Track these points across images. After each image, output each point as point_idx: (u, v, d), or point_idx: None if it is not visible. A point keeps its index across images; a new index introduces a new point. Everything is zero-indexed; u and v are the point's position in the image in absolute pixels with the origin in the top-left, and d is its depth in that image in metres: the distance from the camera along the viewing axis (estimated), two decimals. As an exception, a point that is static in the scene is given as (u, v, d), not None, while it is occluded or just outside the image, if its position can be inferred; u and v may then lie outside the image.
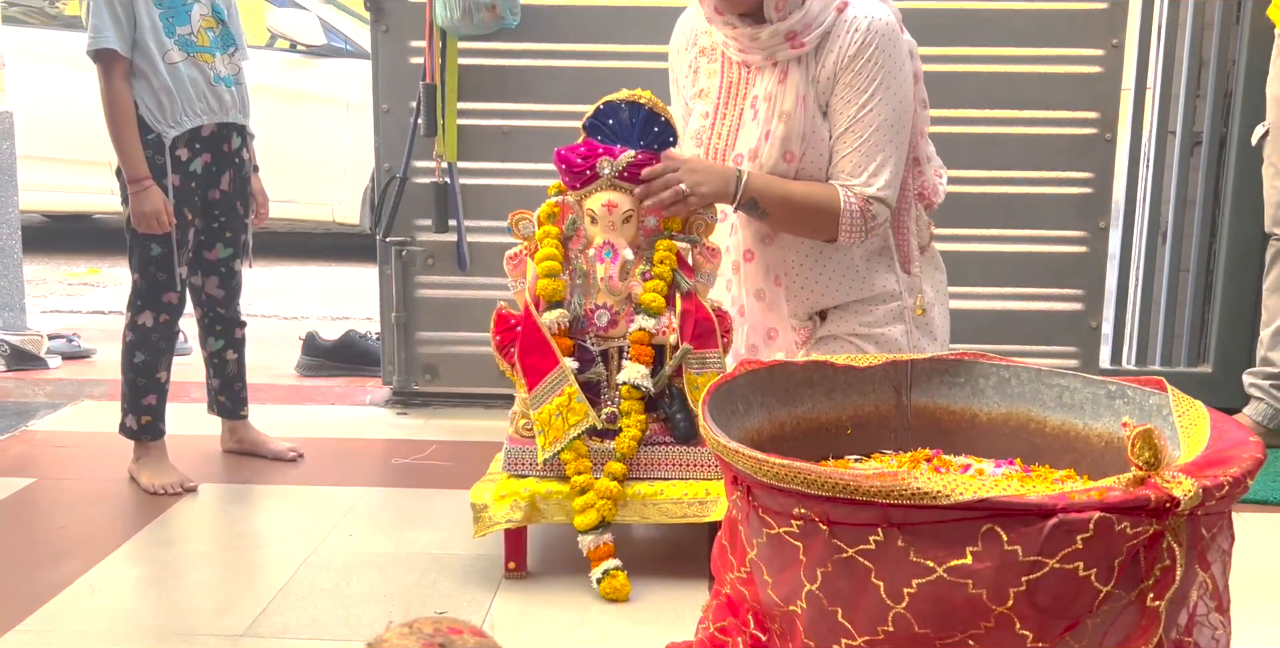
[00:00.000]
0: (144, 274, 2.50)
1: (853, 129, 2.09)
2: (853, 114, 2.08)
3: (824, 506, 1.33)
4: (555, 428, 2.04)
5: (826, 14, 2.08)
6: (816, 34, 2.07)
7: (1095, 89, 2.99)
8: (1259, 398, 2.87)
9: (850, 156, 2.10)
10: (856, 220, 2.10)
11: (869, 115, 2.08)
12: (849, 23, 2.07)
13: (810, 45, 2.08)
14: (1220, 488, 1.29)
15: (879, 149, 2.09)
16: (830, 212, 2.09)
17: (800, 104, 2.10)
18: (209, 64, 2.46)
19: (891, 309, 2.21)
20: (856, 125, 2.08)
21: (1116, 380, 1.76)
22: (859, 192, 2.09)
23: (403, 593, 2.03)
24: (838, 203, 2.09)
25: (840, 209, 2.09)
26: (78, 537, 2.28)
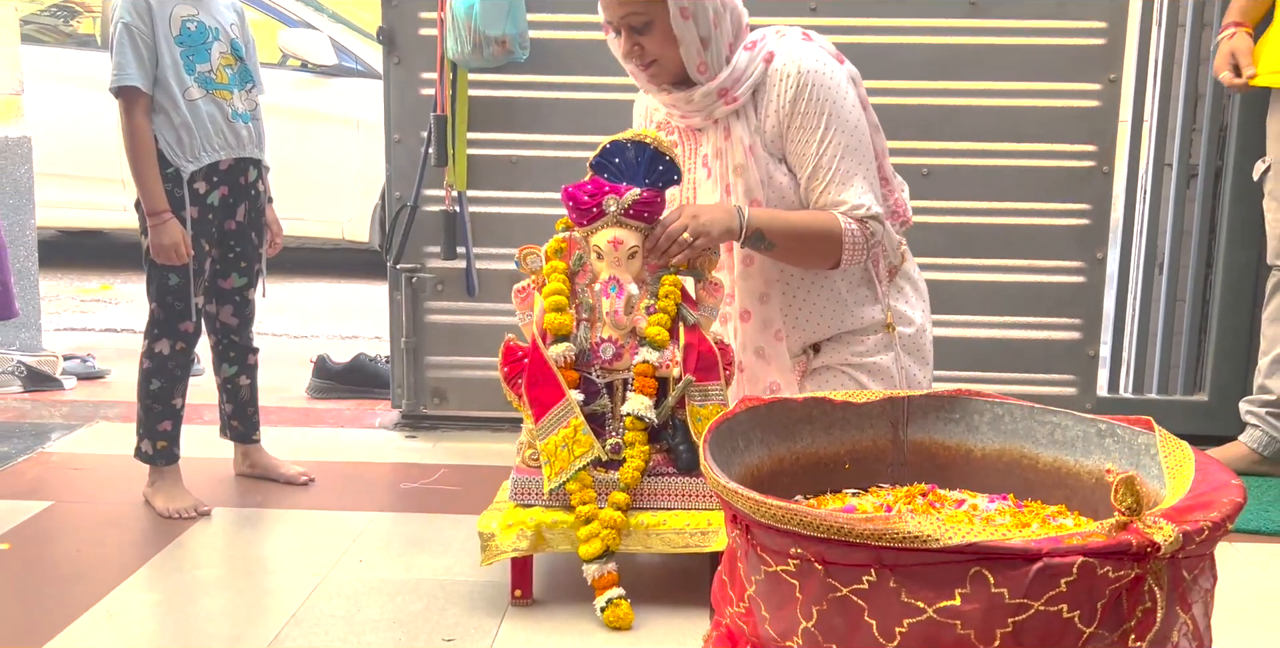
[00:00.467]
0: (161, 303, 2.56)
1: (820, 165, 2.16)
2: (815, 152, 2.16)
3: (819, 546, 1.38)
4: (561, 459, 2.10)
5: (754, 66, 2.17)
6: (747, 86, 2.17)
7: (1093, 122, 3.05)
8: (1255, 425, 2.92)
9: (828, 190, 2.17)
10: (858, 240, 2.17)
11: (830, 147, 2.15)
12: (779, 72, 2.16)
13: (744, 98, 2.17)
14: (1200, 533, 1.34)
15: (851, 175, 2.17)
16: (833, 236, 2.16)
17: (749, 154, 2.19)
18: (227, 101, 2.53)
19: (880, 338, 2.28)
20: (822, 160, 2.16)
21: (1107, 419, 1.81)
22: (853, 215, 2.17)
23: (412, 620, 2.08)
24: (838, 226, 2.16)
25: (841, 230, 2.16)
26: (95, 561, 2.33)
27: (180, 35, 2.47)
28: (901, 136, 3.07)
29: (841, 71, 2.21)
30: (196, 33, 2.49)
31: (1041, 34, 3.02)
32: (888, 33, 3.04)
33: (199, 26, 2.50)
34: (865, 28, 3.04)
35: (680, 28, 2.13)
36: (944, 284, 3.14)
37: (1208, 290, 3.22)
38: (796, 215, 2.18)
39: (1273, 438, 2.89)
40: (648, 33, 2.15)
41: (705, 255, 2.19)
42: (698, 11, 2.13)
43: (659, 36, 2.15)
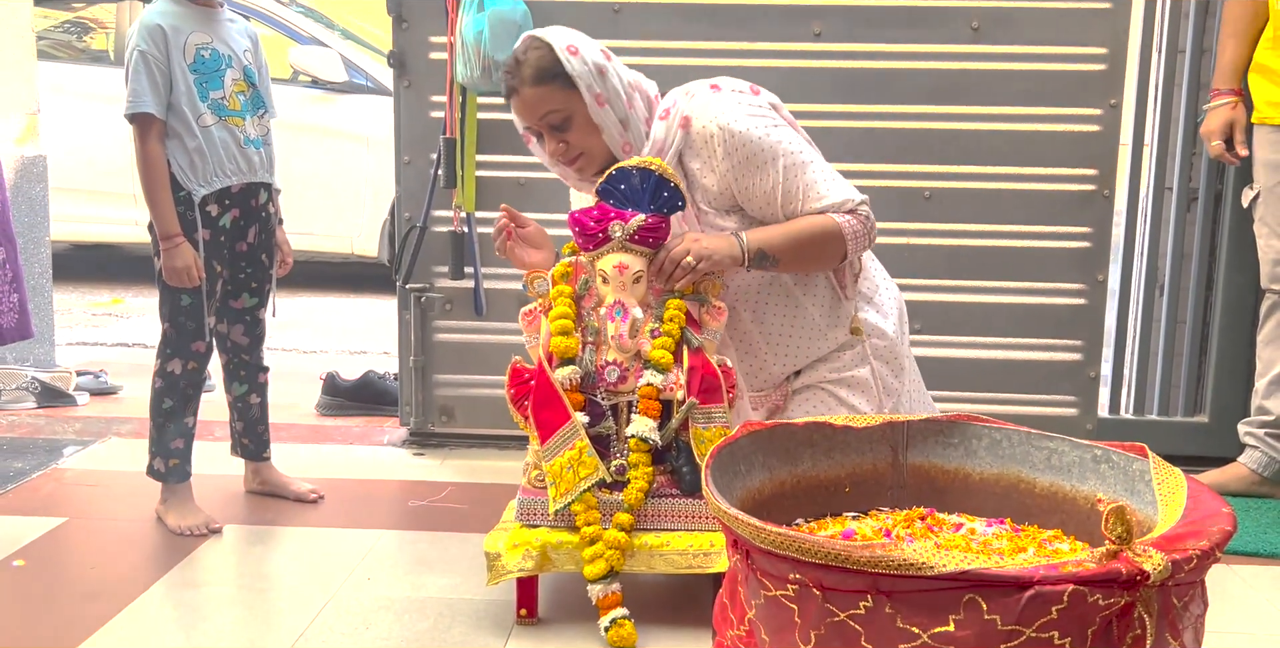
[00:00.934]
0: (174, 323, 2.61)
1: (786, 191, 2.20)
2: (773, 184, 2.20)
3: (818, 572, 1.42)
4: (566, 480, 2.13)
5: (673, 134, 2.24)
6: (671, 154, 2.24)
7: (1094, 147, 3.08)
8: (1254, 446, 2.94)
9: (806, 205, 2.21)
10: (858, 229, 2.22)
11: (784, 173, 2.19)
12: (701, 135, 2.22)
13: (672, 166, 2.22)
14: (1189, 561, 1.38)
15: (816, 181, 2.21)
16: (832, 234, 2.21)
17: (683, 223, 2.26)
18: (239, 127, 2.58)
19: (856, 353, 2.33)
20: (784, 187, 2.20)
21: (1102, 445, 1.85)
22: (842, 211, 2.21)
23: (419, 638, 2.11)
24: (833, 223, 2.21)
25: (839, 226, 2.20)
26: (108, 577, 2.37)
27: (194, 63, 2.52)
28: (904, 160, 3.12)
29: (760, 100, 2.25)
30: (210, 60, 2.55)
31: (1043, 59, 3.06)
32: (891, 58, 3.08)
33: (213, 54, 2.55)
34: (868, 53, 3.08)
35: (599, 115, 2.21)
36: (946, 306, 3.17)
37: (1208, 312, 3.25)
38: (793, 226, 2.22)
39: (1272, 459, 2.91)
40: (569, 129, 2.23)
41: (709, 280, 2.23)
42: (610, 96, 2.21)
43: (580, 129, 2.23)
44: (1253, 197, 2.83)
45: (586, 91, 2.19)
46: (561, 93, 2.20)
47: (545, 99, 2.21)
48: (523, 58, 2.21)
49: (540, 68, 2.19)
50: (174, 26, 2.51)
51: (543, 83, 2.20)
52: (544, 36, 2.23)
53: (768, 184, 2.20)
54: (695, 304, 2.24)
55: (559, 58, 2.19)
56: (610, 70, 2.22)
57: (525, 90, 2.21)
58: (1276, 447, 2.91)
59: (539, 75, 2.20)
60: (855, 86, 3.10)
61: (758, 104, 2.24)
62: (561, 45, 2.20)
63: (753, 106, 2.22)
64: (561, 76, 2.19)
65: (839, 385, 2.32)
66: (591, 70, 2.20)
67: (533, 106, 2.22)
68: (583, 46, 2.22)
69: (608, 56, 2.25)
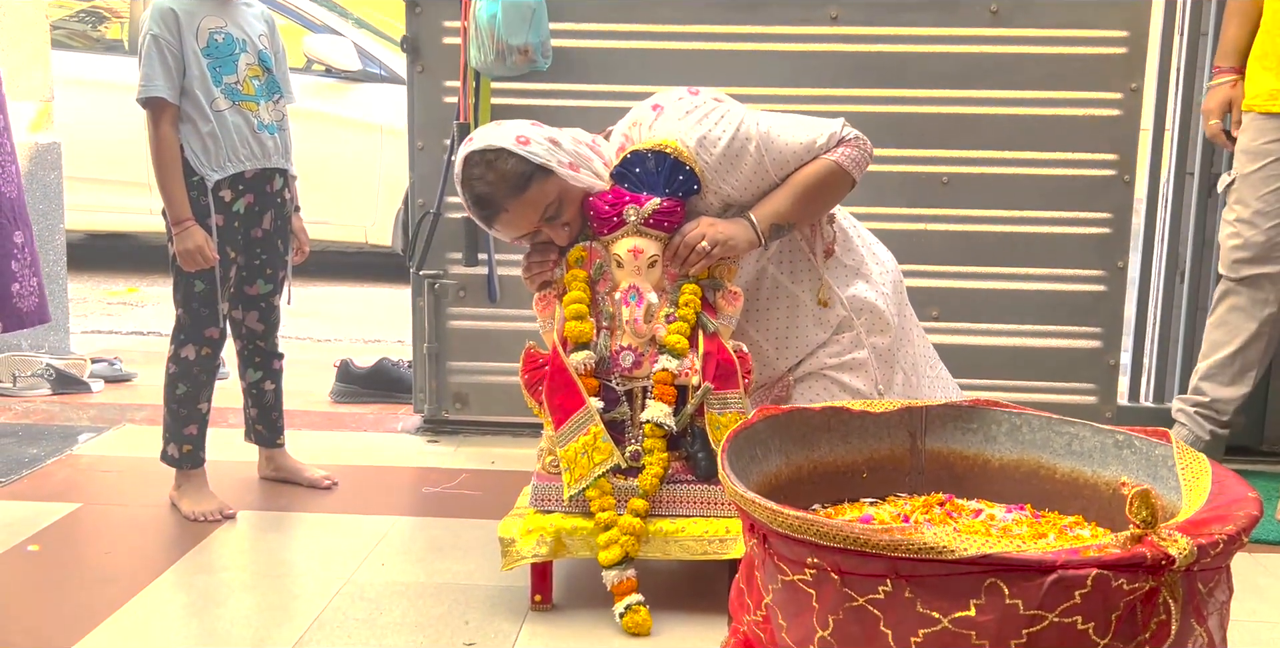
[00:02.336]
0: (187, 309, 2.60)
1: (770, 160, 2.18)
2: (755, 160, 2.18)
3: (836, 556, 1.40)
4: (581, 466, 2.12)
5: None
6: None
7: (1114, 132, 3.05)
8: (1183, 423, 3.00)
9: (794, 160, 2.19)
10: (855, 156, 2.21)
11: (759, 145, 2.17)
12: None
13: None
14: (1215, 546, 1.35)
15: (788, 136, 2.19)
16: (834, 173, 2.20)
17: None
18: (253, 112, 2.56)
19: (851, 337, 2.31)
20: (767, 156, 2.18)
21: (1124, 430, 1.82)
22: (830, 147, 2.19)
23: (433, 624, 2.11)
24: (831, 163, 2.19)
25: (836, 162, 2.19)
26: (123, 563, 2.37)
27: (207, 47, 2.51)
28: (922, 145, 3.09)
29: (700, 99, 2.22)
30: (224, 44, 2.53)
31: (1063, 43, 3.03)
32: (909, 41, 3.05)
33: (226, 38, 2.54)
34: (886, 37, 3.05)
35: (577, 179, 2.17)
36: (964, 292, 3.15)
37: (1229, 299, 3.21)
38: (793, 186, 2.20)
39: (1198, 437, 2.96)
40: (563, 211, 2.18)
41: (724, 264, 2.21)
42: (574, 158, 2.17)
43: (570, 204, 2.18)
44: (1228, 182, 2.83)
45: (560, 168, 2.14)
46: (543, 184, 2.14)
47: (536, 199, 2.14)
48: (489, 175, 2.12)
49: (516, 175, 2.12)
50: (187, 10, 2.49)
51: (526, 187, 2.13)
52: (490, 144, 2.14)
53: (751, 167, 2.19)
54: (710, 289, 2.22)
55: (521, 155, 2.12)
56: (557, 137, 2.18)
57: (512, 204, 2.14)
58: (1203, 426, 2.96)
59: (519, 182, 2.12)
60: (872, 71, 3.07)
61: (700, 102, 2.21)
62: (511, 142, 2.13)
63: (698, 109, 2.20)
64: (536, 170, 2.13)
65: (840, 370, 2.31)
66: (550, 147, 2.15)
67: (528, 213, 2.15)
68: (524, 131, 2.16)
69: (539, 125, 2.21)
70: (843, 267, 2.33)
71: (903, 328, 2.39)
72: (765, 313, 2.32)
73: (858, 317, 2.31)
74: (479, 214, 2.17)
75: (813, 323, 2.31)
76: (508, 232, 2.21)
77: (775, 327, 2.32)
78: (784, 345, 2.33)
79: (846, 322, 2.31)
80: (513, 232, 2.20)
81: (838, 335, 2.32)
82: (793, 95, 3.02)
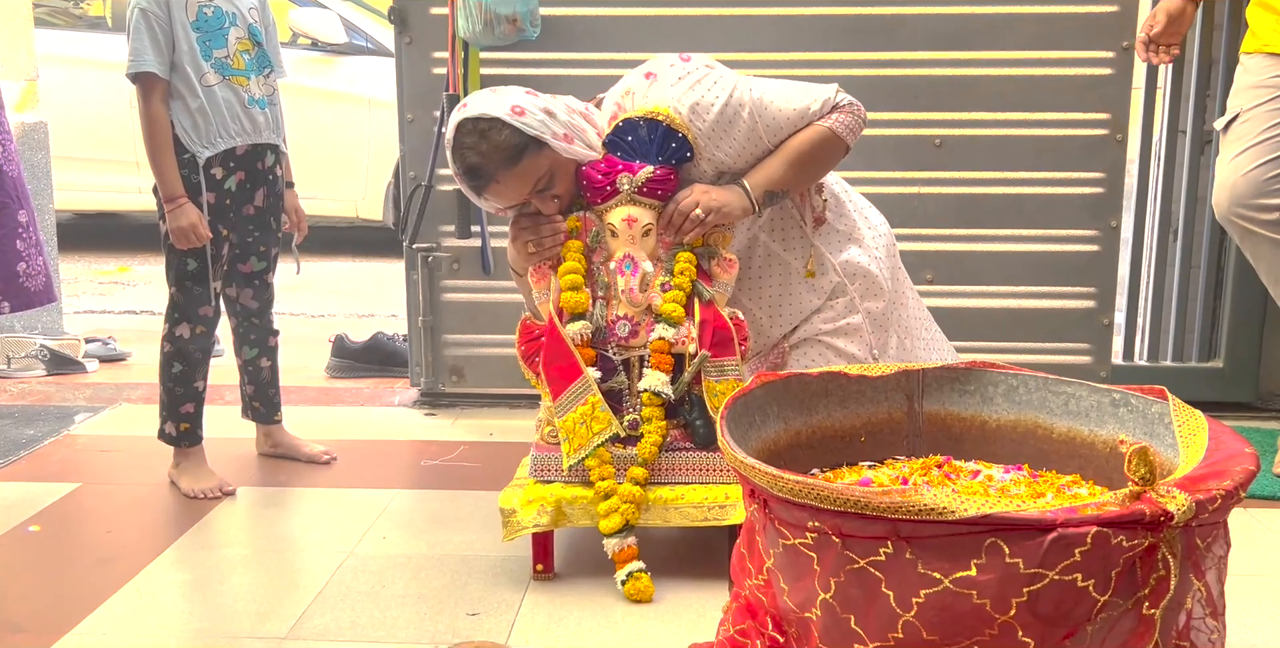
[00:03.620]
0: (180, 288, 2.59)
1: (763, 126, 2.17)
2: (749, 126, 2.16)
3: (836, 519, 1.41)
4: (579, 436, 2.12)
5: None
6: None
7: (1106, 91, 3.03)
8: None
9: (788, 125, 2.18)
10: (849, 121, 2.20)
11: (752, 112, 2.16)
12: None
13: None
14: (1213, 501, 1.36)
15: (782, 102, 2.17)
16: (828, 139, 2.19)
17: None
18: (244, 87, 2.54)
19: (845, 302, 2.31)
20: (761, 123, 2.16)
21: (1120, 389, 1.83)
22: (824, 112, 2.18)
23: (436, 595, 2.11)
24: (824, 129, 2.18)
25: (829, 128, 2.18)
26: (123, 541, 2.37)
27: (197, 21, 2.48)
28: (914, 108, 3.08)
29: (693, 65, 2.20)
30: (213, 18, 2.51)
31: (1054, 1, 3.00)
32: (900, 3, 3.03)
33: (216, 12, 2.51)
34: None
35: (570, 151, 2.14)
36: (958, 255, 3.14)
37: (1222, 257, 3.22)
38: (787, 152, 2.19)
39: None
40: (556, 182, 2.15)
41: (718, 232, 2.21)
42: (569, 130, 2.14)
43: (563, 176, 2.16)
44: (1228, 119, 2.70)
45: (554, 140, 2.11)
46: (536, 156, 2.10)
47: (528, 171, 2.11)
48: (481, 145, 2.08)
49: (509, 146, 2.08)
50: (174, -16, 2.47)
51: (519, 159, 2.09)
52: (484, 112, 2.09)
53: (744, 133, 2.17)
54: (705, 256, 2.22)
55: (515, 126, 2.08)
56: (551, 106, 2.14)
57: (504, 175, 2.10)
58: None
59: (511, 154, 2.08)
60: (864, 34, 3.05)
61: (692, 68, 2.19)
62: (505, 112, 2.09)
63: (690, 76, 2.17)
64: (530, 142, 2.09)
65: (835, 336, 2.31)
66: (544, 118, 2.11)
67: (519, 185, 2.12)
68: (519, 100, 2.12)
69: (533, 93, 2.17)
70: (835, 232, 2.33)
71: (897, 292, 2.39)
72: (758, 281, 2.32)
73: (851, 282, 2.31)
74: (469, 184, 2.16)
75: (806, 289, 2.31)
76: (497, 202, 2.19)
77: (768, 294, 2.32)
78: (778, 313, 2.33)
79: (840, 287, 2.31)
80: (502, 203, 2.18)
81: (832, 301, 2.31)
82: (785, 60, 3.00)
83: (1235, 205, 2.63)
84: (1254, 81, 2.68)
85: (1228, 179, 2.65)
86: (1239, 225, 2.64)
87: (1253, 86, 2.68)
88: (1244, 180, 2.60)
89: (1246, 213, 2.61)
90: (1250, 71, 2.70)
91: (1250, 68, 2.70)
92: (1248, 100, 2.67)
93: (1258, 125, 2.63)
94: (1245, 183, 2.60)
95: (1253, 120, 2.65)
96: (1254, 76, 2.68)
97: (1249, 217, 2.61)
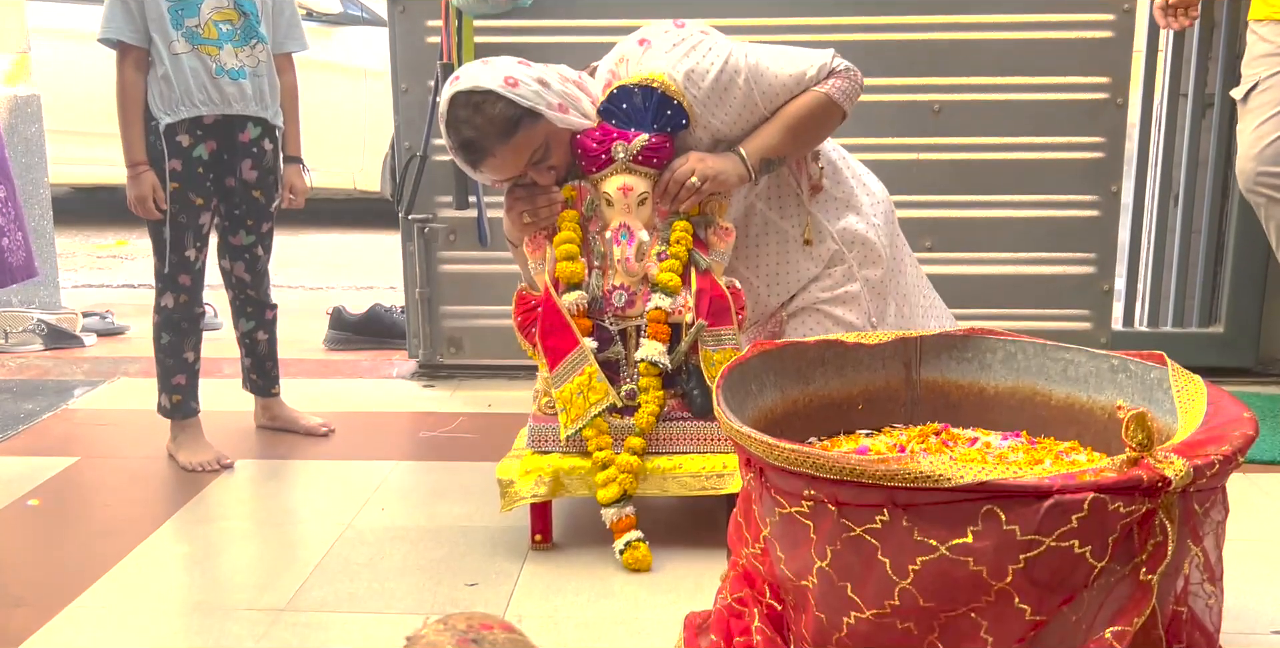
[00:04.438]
0: (161, 257, 2.59)
1: (759, 93, 2.15)
2: (744, 92, 2.14)
3: (832, 488, 1.40)
4: (576, 406, 2.11)
5: None
6: None
7: (1107, 54, 3.00)
8: None
9: (784, 92, 2.16)
10: (846, 87, 2.18)
11: (748, 79, 2.14)
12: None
13: None
14: (1211, 467, 1.36)
15: (777, 67, 2.16)
16: (824, 105, 2.17)
17: None
18: (213, 57, 2.51)
19: (843, 270, 2.30)
20: (757, 89, 2.15)
21: (1119, 355, 1.82)
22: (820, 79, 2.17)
23: (434, 566, 2.12)
24: (821, 95, 2.17)
25: (826, 94, 2.17)
26: (122, 515, 2.37)
27: None
28: (912, 73, 3.05)
29: (687, 31, 2.18)
30: None
31: (1053, -36, 2.98)
32: (896, -33, 3.00)
33: (193, -20, 2.49)
34: (873, -38, 3.00)
35: (566, 121, 2.11)
36: (958, 221, 3.12)
37: (1223, 221, 3.20)
38: (783, 119, 2.17)
39: None
40: (551, 153, 2.13)
41: (714, 200, 2.19)
42: (564, 99, 2.11)
43: (558, 147, 2.13)
44: (1247, 88, 2.66)
45: (549, 111, 2.08)
46: (532, 128, 2.07)
47: (524, 144, 2.08)
48: (476, 119, 2.05)
49: (504, 119, 2.05)
50: (151, -46, 2.45)
51: (514, 132, 2.06)
52: (478, 85, 2.06)
53: (739, 100, 2.15)
54: (701, 225, 2.20)
55: (510, 98, 2.05)
56: (545, 76, 2.11)
57: (500, 148, 2.07)
58: None
59: (507, 126, 2.05)
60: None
61: (686, 35, 2.17)
62: (499, 84, 2.06)
63: (685, 42, 2.15)
64: (525, 114, 2.06)
65: (833, 304, 2.29)
66: (539, 89, 2.08)
67: (515, 158, 2.10)
68: (512, 71, 2.09)
69: (526, 63, 2.14)
70: (833, 199, 2.31)
71: (895, 259, 2.37)
72: (755, 249, 2.30)
73: (849, 250, 2.30)
74: (465, 158, 2.14)
75: (804, 257, 2.29)
76: (493, 176, 2.17)
77: (766, 263, 2.30)
78: (775, 282, 2.31)
79: (838, 255, 2.29)
80: (498, 175, 2.16)
81: (829, 269, 2.30)
82: (781, 25, 2.98)
83: (1260, 175, 2.61)
84: (1270, 50, 2.64)
85: (1251, 149, 2.62)
86: (1265, 195, 2.62)
87: (1269, 54, 2.64)
88: (1272, 151, 2.58)
89: (1273, 182, 2.59)
90: (1265, 39, 2.66)
91: (1265, 35, 2.66)
92: (1266, 69, 2.64)
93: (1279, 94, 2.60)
94: (1272, 153, 2.58)
95: (1273, 88, 2.62)
96: (1270, 44, 2.65)
97: (1276, 185, 2.59)
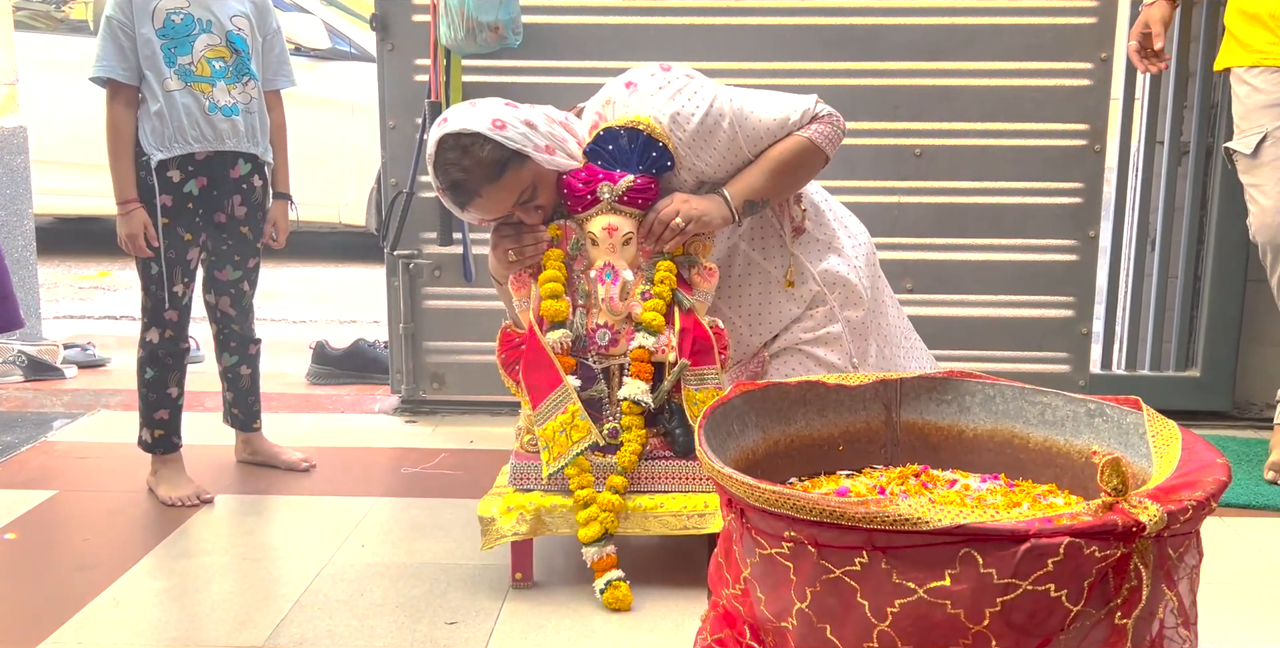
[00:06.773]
0: (147, 292, 2.60)
1: (743, 136, 2.18)
2: (729, 136, 2.17)
3: (812, 529, 1.41)
4: (559, 444, 2.12)
5: None
6: None
7: (1085, 101, 3.06)
8: None
9: (768, 136, 2.18)
10: (828, 133, 2.21)
11: (732, 122, 2.16)
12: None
13: None
14: (1185, 512, 1.37)
15: (762, 112, 2.18)
16: (807, 150, 2.20)
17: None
18: (206, 94, 2.54)
19: (825, 311, 2.32)
20: (741, 133, 2.17)
21: (1096, 399, 1.84)
22: (802, 124, 2.19)
23: (415, 603, 2.11)
24: (804, 140, 2.19)
25: (809, 139, 2.19)
26: (101, 549, 2.36)
27: (164, 27, 2.50)
28: (895, 117, 3.10)
29: (673, 75, 2.21)
30: (181, 25, 2.51)
31: (1033, 13, 3.03)
32: (880, 14, 3.05)
33: (186, 19, 2.51)
34: (858, 9, 3.05)
35: (552, 162, 2.14)
36: (938, 264, 3.16)
37: (1199, 267, 3.24)
38: (767, 162, 2.19)
39: None
40: (539, 193, 2.15)
41: (699, 241, 2.21)
42: (550, 140, 2.14)
43: (545, 187, 2.16)
44: (1258, 140, 2.65)
45: (536, 153, 2.11)
46: (519, 170, 2.10)
47: (511, 185, 2.11)
48: (464, 161, 2.07)
49: (492, 161, 2.07)
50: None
51: (502, 174, 2.08)
52: (466, 127, 2.08)
53: (724, 143, 2.18)
54: (685, 265, 2.22)
55: (497, 140, 2.07)
56: (532, 118, 2.14)
57: (488, 189, 2.10)
58: None
59: (495, 168, 2.08)
60: (844, 44, 3.07)
61: (672, 78, 2.20)
62: (487, 126, 2.08)
63: (670, 85, 2.18)
64: (512, 156, 2.09)
65: (815, 345, 2.32)
66: (525, 131, 2.11)
67: (503, 198, 2.12)
68: (499, 113, 2.11)
69: (513, 105, 2.16)
70: (815, 241, 2.34)
71: (876, 301, 2.40)
72: (738, 290, 2.33)
73: (831, 291, 2.32)
74: (453, 199, 2.15)
75: (786, 298, 2.32)
76: (481, 216, 2.19)
77: (748, 303, 2.33)
78: (757, 322, 2.33)
79: (820, 296, 2.32)
80: (486, 215, 2.18)
81: (811, 310, 2.32)
82: (765, 69, 3.02)
83: None
84: (1270, 100, 2.63)
85: (1276, 204, 2.63)
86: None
87: (1273, 104, 2.63)
88: None
89: None
90: (1260, 89, 2.64)
91: (1259, 85, 2.65)
92: (1271, 120, 2.63)
93: None
94: None
95: None
96: (1268, 95, 2.63)
97: None
